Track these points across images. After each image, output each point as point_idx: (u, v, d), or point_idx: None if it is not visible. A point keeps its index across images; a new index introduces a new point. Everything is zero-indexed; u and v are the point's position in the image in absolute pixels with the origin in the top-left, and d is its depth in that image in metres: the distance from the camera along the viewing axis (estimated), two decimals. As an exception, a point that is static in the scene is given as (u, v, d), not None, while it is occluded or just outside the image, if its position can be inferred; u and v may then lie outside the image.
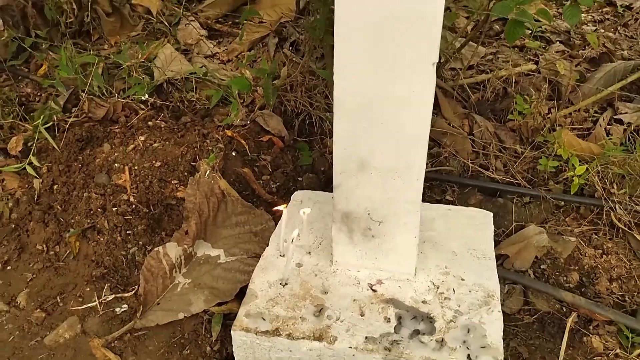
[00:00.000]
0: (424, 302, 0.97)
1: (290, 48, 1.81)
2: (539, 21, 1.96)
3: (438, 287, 1.00)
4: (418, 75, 0.78)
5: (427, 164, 1.48)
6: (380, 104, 0.83)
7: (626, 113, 1.70)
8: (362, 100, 0.84)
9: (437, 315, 0.94)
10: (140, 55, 1.68)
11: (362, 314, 0.95)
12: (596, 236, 1.38)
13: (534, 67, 1.74)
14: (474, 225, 1.16)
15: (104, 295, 1.12)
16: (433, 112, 1.61)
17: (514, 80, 1.65)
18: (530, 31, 1.99)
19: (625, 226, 1.37)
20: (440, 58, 1.73)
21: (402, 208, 0.94)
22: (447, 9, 1.95)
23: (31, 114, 1.65)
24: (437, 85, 1.60)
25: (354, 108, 0.85)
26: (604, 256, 1.34)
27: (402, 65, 0.78)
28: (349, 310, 0.96)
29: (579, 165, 1.39)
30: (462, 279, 1.01)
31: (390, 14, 0.73)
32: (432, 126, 1.55)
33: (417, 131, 0.85)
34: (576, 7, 1.28)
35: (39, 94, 1.73)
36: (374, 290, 1.00)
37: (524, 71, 1.70)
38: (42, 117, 1.46)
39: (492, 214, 1.21)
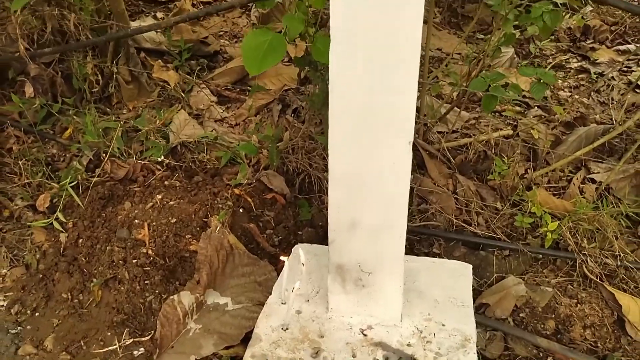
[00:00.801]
0: (408, 345, 1.10)
1: (292, 114, 2.00)
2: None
3: (421, 332, 1.13)
4: (397, 151, 0.95)
5: (416, 219, 1.65)
6: (367, 174, 0.99)
7: (598, 173, 1.87)
8: (352, 170, 1.00)
9: (420, 357, 1.07)
10: (157, 121, 1.86)
11: (354, 356, 1.08)
12: (571, 287, 1.51)
13: (511, 132, 1.92)
14: (455, 276, 1.30)
15: (124, 340, 1.24)
16: (420, 172, 1.79)
17: (493, 144, 1.83)
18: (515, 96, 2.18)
19: (596, 277, 1.50)
20: (427, 122, 1.92)
21: (388, 261, 1.09)
22: (434, 79, 2.17)
23: (56, 172, 1.82)
24: (423, 148, 1.79)
25: (345, 176, 1.02)
26: (579, 305, 1.46)
27: (383, 143, 0.95)
28: (342, 352, 1.09)
29: (552, 221, 1.54)
30: (443, 325, 1.14)
31: (373, 105, 0.91)
32: (419, 185, 1.73)
33: (398, 196, 1.01)
34: (542, 84, 1.47)
35: (63, 154, 1.91)
36: (365, 335, 1.13)
37: (502, 135, 1.88)
38: (69, 177, 1.62)
39: (471, 267, 1.35)
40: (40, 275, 1.42)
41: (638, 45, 2.80)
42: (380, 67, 0.88)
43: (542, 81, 1.44)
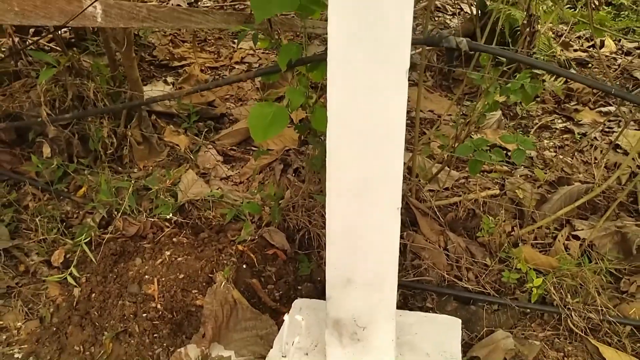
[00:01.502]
0: (401, 396, 1.17)
1: (293, 174, 2.13)
2: (506, 149, 2.31)
3: (413, 384, 1.20)
4: (386, 215, 1.07)
5: (410, 274, 1.75)
6: (360, 235, 1.10)
7: (582, 230, 1.97)
8: (347, 231, 1.12)
9: (411, 407, 1.14)
10: (167, 180, 1.99)
11: (350, 407, 1.15)
12: (558, 340, 1.59)
13: (497, 192, 2.05)
14: (445, 330, 1.38)
15: (133, 391, 1.32)
16: (413, 229, 1.90)
17: (482, 202, 1.95)
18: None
19: (581, 331, 1.58)
20: (419, 181, 2.05)
21: (381, 316, 1.18)
22: (427, 143, 2.31)
23: (70, 229, 1.93)
24: (415, 207, 1.90)
25: (341, 237, 1.13)
26: (565, 358, 1.54)
27: (374, 208, 1.07)
28: (339, 403, 1.16)
29: (537, 277, 1.63)
30: (433, 377, 1.22)
31: (365, 176, 1.04)
32: (412, 242, 1.84)
33: (388, 255, 1.11)
34: (522, 150, 1.60)
35: (77, 212, 2.02)
36: (360, 386, 1.20)
37: (490, 195, 2.00)
38: (83, 234, 1.73)
39: (460, 321, 1.43)
40: (54, 329, 1.51)
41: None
42: (370, 145, 1.01)
43: (522, 149, 1.57)
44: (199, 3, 3.67)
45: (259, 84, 2.86)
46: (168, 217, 1.88)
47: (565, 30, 4.08)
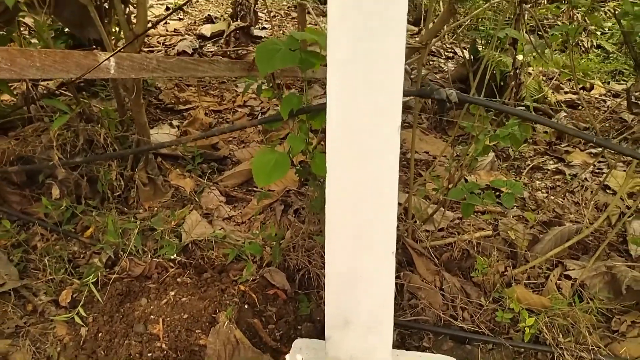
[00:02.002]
0: None
1: (294, 214, 2.21)
2: (499, 190, 2.40)
3: (409, 423, 1.25)
4: (382, 260, 1.14)
5: (407, 313, 1.80)
6: (358, 279, 1.17)
7: (574, 269, 2.04)
8: (345, 274, 1.18)
9: None
10: (172, 222, 2.06)
11: None
12: (551, 379, 1.63)
13: (490, 233, 2.12)
14: (440, 369, 1.43)
15: None
16: (410, 269, 1.96)
17: (475, 243, 2.02)
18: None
19: (574, 370, 1.63)
20: (415, 222, 2.12)
21: (378, 356, 1.23)
22: (422, 184, 2.40)
23: (77, 269, 1.99)
24: (411, 247, 1.97)
25: (339, 279, 1.19)
26: (559, 397, 1.58)
27: (370, 252, 1.14)
28: None
29: (529, 317, 1.69)
30: (429, 416, 1.27)
31: (362, 223, 1.11)
32: (409, 282, 1.89)
33: (383, 297, 1.18)
34: (511, 194, 1.68)
35: (84, 252, 2.09)
36: None
37: (483, 235, 2.08)
38: (91, 274, 1.79)
39: (454, 360, 1.48)
40: (61, 368, 1.55)
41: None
42: (366, 194, 1.10)
43: (511, 193, 1.66)
44: (204, 48, 3.83)
45: (260, 127, 2.96)
46: (172, 257, 1.94)
47: (556, 72, 4.24)
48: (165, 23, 4.41)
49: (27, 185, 2.32)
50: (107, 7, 2.22)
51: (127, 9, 2.16)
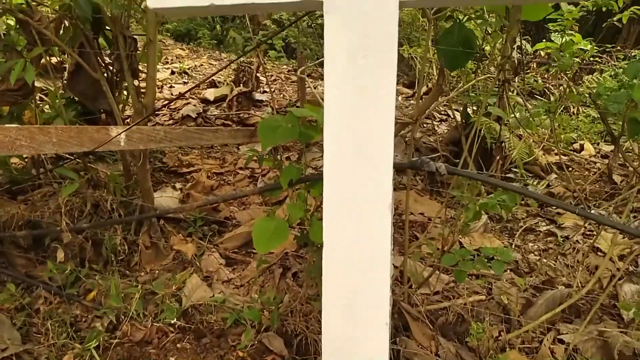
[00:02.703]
0: None
1: (292, 278, 2.26)
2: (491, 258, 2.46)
3: None
4: (376, 331, 1.19)
5: (403, 379, 1.82)
6: (352, 348, 1.22)
7: (567, 334, 2.07)
8: (341, 344, 1.24)
9: None
10: (173, 286, 2.11)
11: None
12: None
13: (484, 297, 2.17)
14: None
15: None
16: (406, 334, 2.00)
17: (470, 307, 2.06)
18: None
19: None
20: (411, 285, 2.18)
21: None
22: (417, 247, 2.47)
23: (78, 333, 2.02)
24: (407, 312, 2.02)
25: (335, 348, 1.24)
26: None
27: (365, 324, 1.20)
28: None
29: (523, 383, 1.72)
30: None
31: (357, 295, 1.18)
32: (405, 347, 1.93)
33: (378, 368, 1.22)
34: (500, 262, 1.75)
35: (86, 315, 2.12)
36: None
37: (477, 300, 2.12)
38: (92, 339, 1.83)
39: None
40: None
41: (598, 210, 3.16)
42: (358, 268, 1.17)
43: (501, 259, 1.72)
44: (207, 112, 4.00)
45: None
46: (172, 321, 1.98)
47: (547, 133, 4.40)
48: (170, 87, 4.61)
49: (33, 249, 2.38)
50: (117, 79, 2.37)
51: (137, 82, 2.30)
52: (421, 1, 1.09)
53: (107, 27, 2.18)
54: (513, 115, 2.20)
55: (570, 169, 3.81)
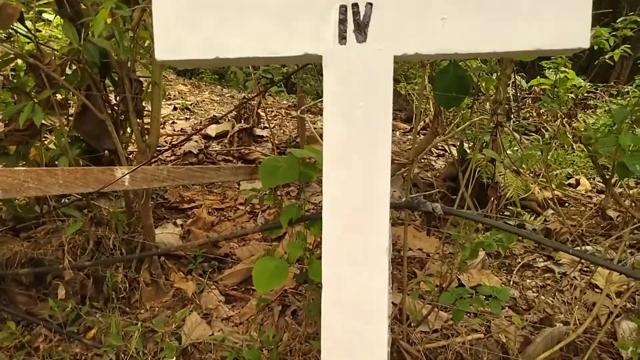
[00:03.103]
0: None
1: (291, 315, 2.28)
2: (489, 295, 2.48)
3: None
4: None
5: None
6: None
7: (566, 372, 2.08)
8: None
9: None
10: (172, 324, 2.12)
11: None
12: None
13: (483, 335, 2.18)
14: None
15: None
16: (405, 374, 1.99)
17: (468, 345, 2.07)
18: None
19: None
20: (410, 324, 2.19)
21: None
22: (416, 284, 2.49)
23: (77, 372, 2.02)
24: (406, 351, 2.02)
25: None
26: None
27: (363, 358, 1.22)
28: None
29: None
30: None
31: (352, 337, 1.20)
32: (404, 387, 1.92)
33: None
34: (497, 301, 1.77)
35: (86, 353, 2.13)
36: None
37: (476, 338, 2.13)
38: (92, 379, 1.83)
39: None
40: None
41: (594, 246, 3.19)
42: (358, 308, 1.20)
43: (497, 298, 1.75)
44: (209, 148, 4.07)
45: (261, 224, 3.09)
46: (172, 360, 1.98)
47: (542, 169, 4.46)
48: (173, 123, 4.70)
49: (35, 286, 2.40)
50: (122, 119, 2.43)
51: (141, 122, 2.37)
52: (415, 55, 1.15)
53: (113, 70, 2.26)
54: (506, 156, 2.26)
55: (566, 204, 3.85)
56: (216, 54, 1.20)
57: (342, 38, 1.15)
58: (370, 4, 1.13)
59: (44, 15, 3.47)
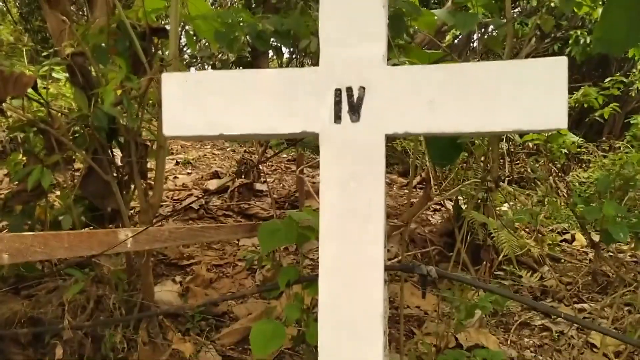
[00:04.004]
0: None
1: (289, 377, 2.27)
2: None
3: None
4: None
5: None
6: None
7: None
8: None
9: None
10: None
11: None
12: None
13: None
14: None
15: None
16: None
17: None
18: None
19: None
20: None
21: None
22: (415, 343, 2.49)
23: None
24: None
25: None
26: None
27: None
28: None
29: None
30: None
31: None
32: None
33: None
34: (498, 355, 1.79)
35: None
36: None
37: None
38: None
39: None
40: None
41: (591, 304, 3.21)
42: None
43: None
44: (209, 203, 4.14)
45: (259, 281, 3.12)
46: None
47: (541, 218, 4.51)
48: (175, 177, 4.79)
49: (33, 345, 2.40)
50: (126, 180, 2.51)
51: (146, 183, 2.44)
52: (405, 134, 1.23)
53: (120, 133, 2.36)
54: (498, 218, 2.32)
55: (562, 260, 3.88)
56: (220, 132, 1.29)
57: (338, 118, 1.24)
58: (363, 88, 1.22)
59: (54, 74, 3.64)
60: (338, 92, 1.23)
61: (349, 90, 1.23)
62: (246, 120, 1.28)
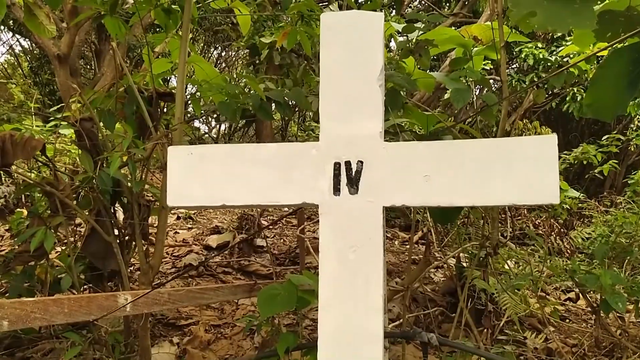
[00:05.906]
0: None
1: None
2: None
3: None
4: None
5: None
6: None
7: None
8: None
9: None
10: None
11: None
12: None
13: None
14: None
15: None
16: None
17: None
18: None
19: None
20: None
21: None
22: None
23: None
24: None
25: None
26: None
27: None
28: None
29: None
30: None
31: None
32: None
33: None
34: None
35: None
36: None
37: None
38: None
39: None
40: None
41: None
42: None
43: None
44: (209, 260, 4.12)
45: (257, 343, 3.06)
46: None
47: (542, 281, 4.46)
48: (175, 233, 4.79)
49: (24, 411, 2.35)
50: (127, 241, 2.53)
51: (147, 244, 2.46)
52: (402, 206, 1.27)
53: (123, 195, 2.39)
54: (499, 282, 2.32)
55: (567, 320, 3.82)
56: (222, 202, 1.32)
57: (337, 190, 1.28)
58: (361, 162, 1.27)
59: (60, 130, 3.72)
60: (337, 165, 1.27)
61: (348, 164, 1.27)
62: (248, 192, 1.31)
